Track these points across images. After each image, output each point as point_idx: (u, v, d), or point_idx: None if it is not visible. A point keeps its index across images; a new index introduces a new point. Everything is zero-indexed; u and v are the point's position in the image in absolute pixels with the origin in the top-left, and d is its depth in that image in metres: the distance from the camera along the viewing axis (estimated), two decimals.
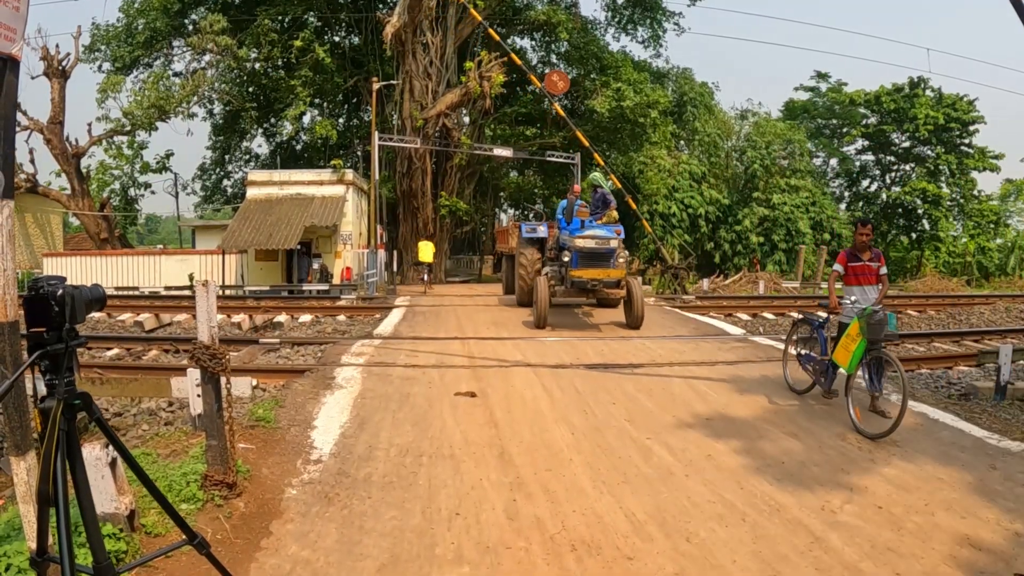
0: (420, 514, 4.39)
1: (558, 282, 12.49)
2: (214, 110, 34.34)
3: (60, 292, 2.20)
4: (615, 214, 13.15)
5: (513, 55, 25.35)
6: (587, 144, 25.35)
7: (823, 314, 7.18)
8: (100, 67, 29.99)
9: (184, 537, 2.71)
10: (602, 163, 27.12)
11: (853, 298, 6.73)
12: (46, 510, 2.22)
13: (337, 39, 32.25)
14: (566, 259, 11.96)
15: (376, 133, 24.38)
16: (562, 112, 26.16)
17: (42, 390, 2.26)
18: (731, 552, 3.89)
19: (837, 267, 6.94)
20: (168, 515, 2.72)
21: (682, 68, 37.09)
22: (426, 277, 22.74)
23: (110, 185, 33.51)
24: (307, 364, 9.34)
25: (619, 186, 23.67)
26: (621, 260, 12.07)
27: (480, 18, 25.20)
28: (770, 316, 15.59)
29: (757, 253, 34.86)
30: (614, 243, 11.96)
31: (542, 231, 14.48)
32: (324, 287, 21.81)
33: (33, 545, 2.77)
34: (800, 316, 7.81)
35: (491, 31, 25.62)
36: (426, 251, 22.55)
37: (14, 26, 3.11)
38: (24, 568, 3.25)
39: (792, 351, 7.70)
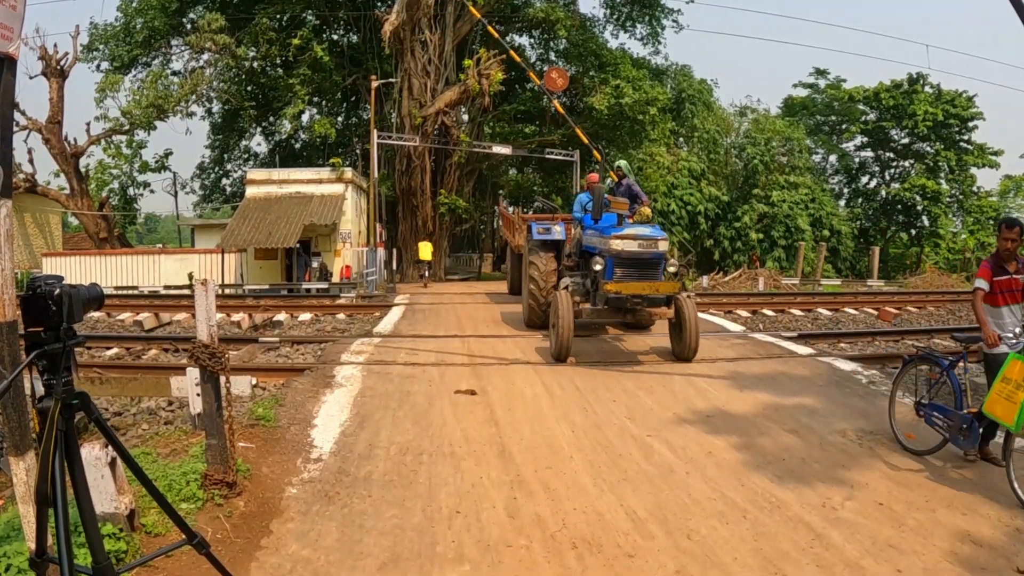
0: (421, 512, 4.38)
1: (583, 297, 9.48)
2: (213, 109, 34.33)
3: (57, 291, 2.19)
4: (648, 211, 10.38)
5: (512, 52, 25.33)
6: (587, 141, 25.33)
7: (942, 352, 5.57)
8: (98, 66, 29.96)
9: (184, 537, 2.70)
10: (600, 157, 27.12)
11: (1018, 329, 5.06)
12: (45, 510, 2.21)
13: (335, 37, 32.17)
14: (597, 267, 9.07)
15: (375, 131, 24.37)
16: (561, 109, 26.14)
17: (40, 390, 2.25)
18: (732, 549, 3.89)
19: (980, 284, 5.33)
20: (167, 515, 2.71)
21: (681, 65, 37.09)
22: (426, 274, 24.97)
23: (109, 184, 33.49)
24: (307, 363, 9.33)
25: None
26: (671, 269, 9.34)
27: (479, 15, 25.17)
28: (770, 313, 15.57)
29: (756, 250, 34.89)
30: (663, 245, 9.12)
31: (558, 232, 11.61)
32: (324, 285, 21.79)
33: (32, 545, 2.76)
34: (917, 352, 5.86)
35: (490, 28, 25.59)
36: (425, 250, 24.60)
37: (11, 25, 3.10)
38: (24, 568, 3.24)
39: (902, 397, 6.06)
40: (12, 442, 2.94)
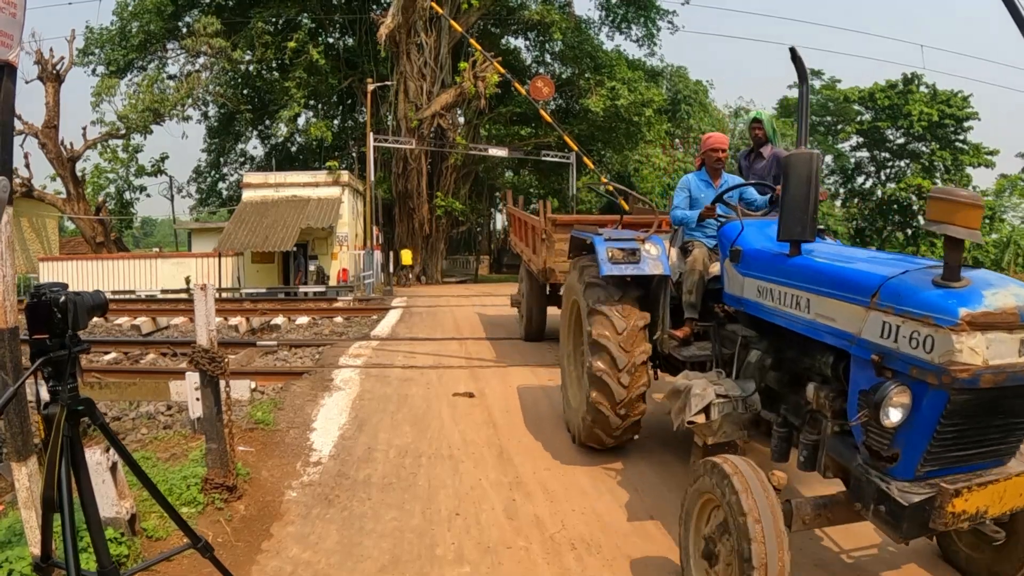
0: (420, 515, 4.41)
1: (780, 453, 3.69)
2: (209, 112, 34.33)
3: (63, 299, 2.22)
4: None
5: (498, 64, 25.35)
6: (576, 148, 25.46)
7: None
8: (94, 70, 29.96)
9: (187, 540, 2.72)
10: (591, 166, 27.23)
11: None
12: (50, 516, 2.24)
13: (331, 40, 32.20)
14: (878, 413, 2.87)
15: (371, 134, 24.44)
16: (549, 118, 26.19)
17: (45, 396, 2.28)
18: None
19: None
20: (172, 519, 2.73)
21: (676, 66, 37.15)
22: (411, 276, 27.22)
23: (105, 188, 33.44)
24: (305, 366, 9.34)
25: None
26: None
27: (461, 30, 25.31)
28: None
29: None
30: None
31: (654, 255, 5.03)
32: (321, 289, 21.81)
33: (35, 550, 2.78)
34: None
35: (473, 42, 25.67)
36: (406, 256, 26.91)
37: (11, 32, 3.11)
38: (26, 573, 3.26)
39: None
40: (14, 448, 2.96)
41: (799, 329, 3.43)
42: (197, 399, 4.83)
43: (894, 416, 2.66)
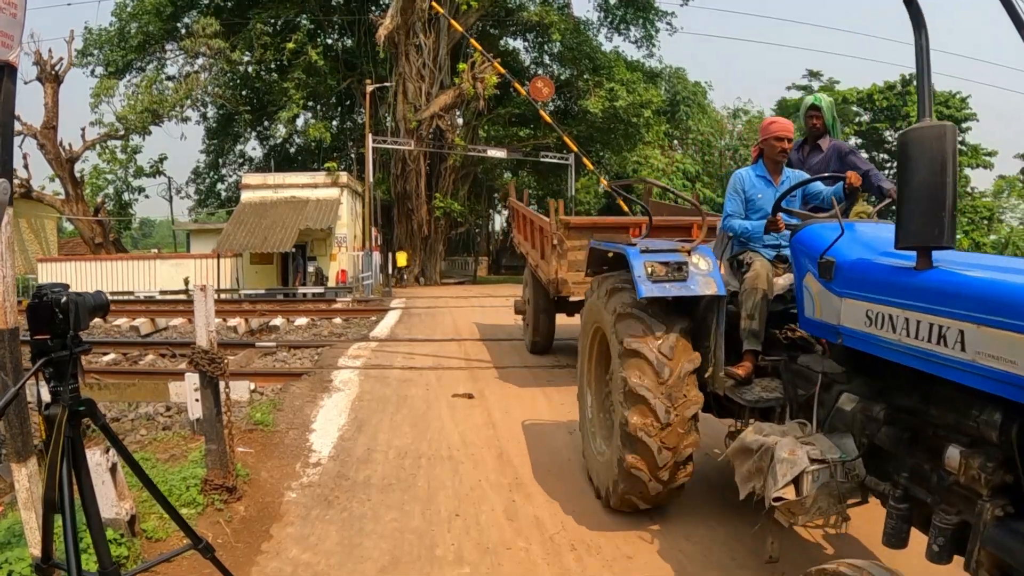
0: (420, 516, 4.41)
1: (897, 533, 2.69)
2: (207, 113, 34.33)
3: (64, 299, 2.22)
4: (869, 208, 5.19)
5: (497, 64, 25.37)
6: (575, 149, 25.46)
7: None
8: (93, 71, 29.97)
9: (188, 541, 2.73)
10: (591, 167, 27.24)
11: None
12: (51, 517, 2.24)
13: (330, 41, 32.22)
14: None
15: (370, 135, 24.45)
16: (548, 118, 26.21)
17: (46, 397, 2.28)
18: (730, 551, 3.92)
19: None
20: (173, 520, 2.73)
21: (675, 67, 37.20)
22: (405, 276, 27.71)
23: (104, 189, 33.43)
24: (304, 367, 9.34)
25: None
26: None
27: (461, 29, 25.28)
28: None
29: None
30: None
31: (703, 270, 3.94)
32: (320, 290, 21.82)
33: (35, 551, 2.78)
34: None
35: (473, 42, 25.67)
36: (401, 258, 27.40)
37: (11, 32, 3.11)
38: (26, 574, 3.26)
39: None
40: (14, 448, 2.96)
41: (944, 373, 2.42)
42: (196, 400, 4.83)
43: None
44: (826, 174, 4.55)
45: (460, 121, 30.39)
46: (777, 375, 3.88)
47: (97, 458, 3.64)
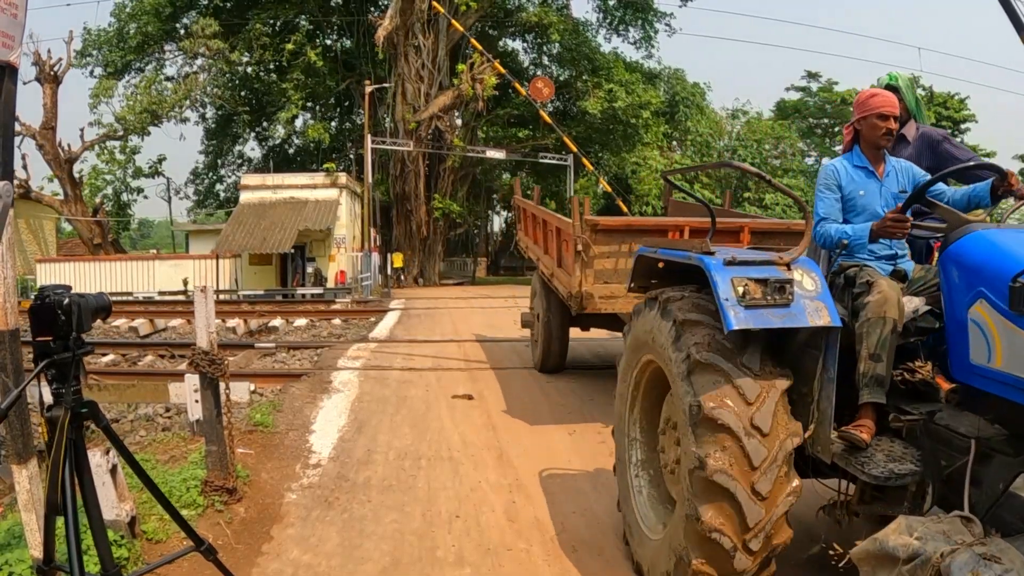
0: (420, 517, 4.40)
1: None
2: (206, 114, 34.37)
3: (67, 301, 2.22)
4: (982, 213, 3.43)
5: (497, 64, 25.42)
6: (575, 150, 25.48)
7: None
8: (92, 72, 29.98)
9: (189, 543, 2.72)
10: (590, 167, 27.25)
11: None
12: (53, 519, 2.24)
13: (329, 42, 32.24)
14: None
15: (369, 136, 24.46)
16: (548, 119, 26.24)
17: (48, 398, 2.28)
18: None
19: None
20: (175, 521, 2.73)
21: (674, 68, 37.21)
22: (402, 277, 27.91)
23: (103, 190, 33.42)
24: (304, 368, 9.33)
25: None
26: None
27: (462, 29, 25.30)
28: None
29: None
30: None
31: (811, 291, 2.78)
32: (319, 291, 21.81)
33: (36, 553, 2.78)
34: None
35: (474, 41, 25.71)
36: (397, 259, 27.83)
37: (12, 33, 3.11)
38: None
39: None
40: (15, 450, 2.96)
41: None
42: (196, 401, 4.83)
43: None
44: (970, 163, 3.56)
45: (459, 122, 30.43)
46: (897, 434, 2.77)
47: (97, 459, 3.63)
